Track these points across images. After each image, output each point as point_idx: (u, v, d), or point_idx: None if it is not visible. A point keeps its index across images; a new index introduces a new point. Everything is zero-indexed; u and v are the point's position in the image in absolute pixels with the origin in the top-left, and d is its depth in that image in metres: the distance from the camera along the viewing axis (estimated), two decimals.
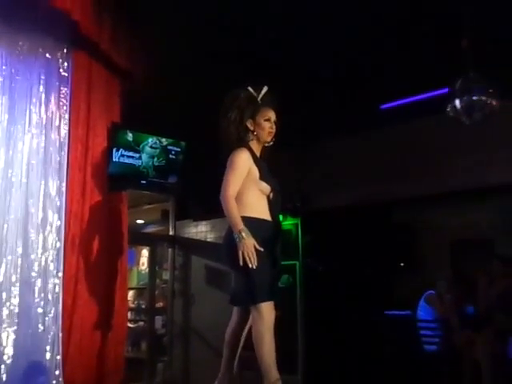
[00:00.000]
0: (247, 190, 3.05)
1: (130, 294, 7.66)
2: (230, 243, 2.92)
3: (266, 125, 3.15)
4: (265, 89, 3.19)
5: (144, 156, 4.91)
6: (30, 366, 4.01)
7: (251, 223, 2.93)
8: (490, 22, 4.36)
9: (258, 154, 3.18)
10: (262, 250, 2.88)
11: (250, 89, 3.19)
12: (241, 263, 2.83)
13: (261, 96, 3.18)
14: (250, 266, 2.82)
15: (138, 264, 8.37)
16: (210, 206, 3.03)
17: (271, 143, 3.23)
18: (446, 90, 4.46)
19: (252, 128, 3.15)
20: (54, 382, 4.06)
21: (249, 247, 2.83)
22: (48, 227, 4.26)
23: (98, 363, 4.39)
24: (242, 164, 3.03)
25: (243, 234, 2.84)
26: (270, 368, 2.88)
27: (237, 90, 3.20)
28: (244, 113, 3.13)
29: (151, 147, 4.94)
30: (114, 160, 4.71)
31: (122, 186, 4.88)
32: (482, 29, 4.22)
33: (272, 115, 3.18)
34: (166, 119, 5.29)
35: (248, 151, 3.08)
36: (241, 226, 2.87)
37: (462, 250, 6.91)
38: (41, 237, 4.22)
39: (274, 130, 3.17)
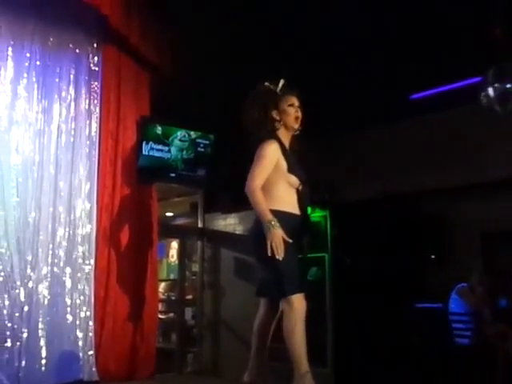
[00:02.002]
0: (276, 182, 3.03)
1: (161, 285, 7.75)
2: (257, 235, 2.91)
3: (291, 110, 3.14)
4: (282, 81, 3.18)
5: (173, 149, 4.95)
6: (63, 356, 4.10)
7: (280, 216, 2.90)
8: None
9: (287, 144, 3.16)
10: (290, 241, 2.86)
11: (267, 84, 3.19)
12: (269, 253, 2.80)
13: (279, 88, 3.17)
14: (277, 256, 2.80)
15: (168, 256, 8.46)
16: (239, 198, 3.01)
17: (298, 132, 3.20)
18: (477, 79, 4.38)
19: (278, 117, 3.13)
20: (88, 370, 4.15)
21: (278, 237, 2.81)
22: (80, 219, 4.35)
23: (129, 353, 4.48)
24: (269, 156, 3.01)
25: (272, 224, 2.82)
26: (301, 360, 2.87)
27: (255, 88, 3.19)
28: (268, 106, 3.11)
29: (180, 140, 4.97)
30: (143, 153, 4.76)
31: (152, 178, 4.93)
32: None
33: (295, 101, 3.17)
34: (195, 112, 5.31)
35: (276, 143, 3.06)
36: (269, 216, 2.84)
37: (493, 241, 6.78)
38: (72, 229, 4.30)
39: (299, 115, 3.15)
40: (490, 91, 4.09)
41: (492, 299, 5.44)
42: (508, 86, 4.00)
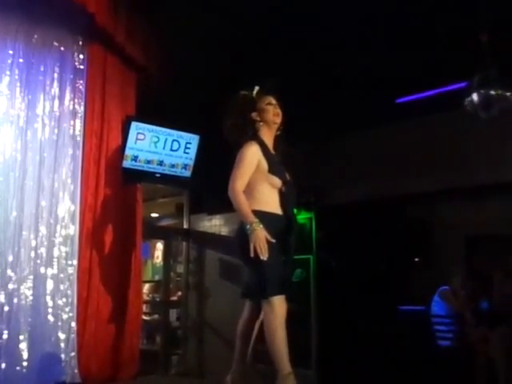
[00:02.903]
0: (258, 183, 3.04)
1: (145, 287, 7.71)
2: (242, 236, 2.92)
3: (270, 107, 3.18)
4: (257, 88, 3.23)
5: (158, 149, 4.92)
6: (45, 358, 4.06)
7: (262, 217, 2.92)
8: (508, 15, 4.30)
9: (270, 145, 3.18)
10: (273, 241, 2.88)
11: (242, 92, 3.24)
12: (252, 254, 2.82)
13: (255, 93, 3.22)
14: (261, 257, 2.81)
15: (153, 257, 8.41)
16: (224, 199, 3.01)
17: (280, 131, 3.23)
18: (463, 85, 4.42)
19: (258, 118, 3.16)
20: (70, 372, 4.10)
21: (260, 238, 2.82)
22: (62, 220, 4.31)
23: (112, 355, 4.43)
24: (249, 157, 3.03)
25: (254, 226, 2.84)
26: (282, 361, 2.88)
27: (230, 99, 3.22)
28: (245, 110, 3.16)
29: (166, 140, 4.94)
30: (128, 153, 4.73)
31: (137, 179, 4.89)
32: (501, 24, 4.17)
33: (272, 99, 3.21)
34: (181, 112, 5.29)
35: (257, 144, 3.08)
36: (252, 217, 2.87)
37: (477, 245, 6.85)
38: (55, 229, 4.26)
39: (279, 111, 3.19)
40: (475, 97, 4.13)
41: (474, 302, 5.48)
42: (492, 91, 4.05)
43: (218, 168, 3.24)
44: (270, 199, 3.06)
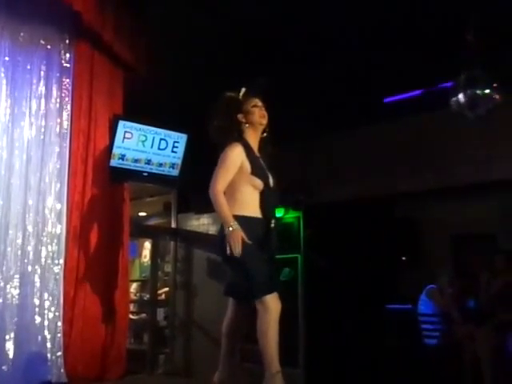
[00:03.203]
0: (240, 185, 3.05)
1: (133, 286, 7.69)
2: (223, 237, 2.93)
3: (256, 109, 3.17)
4: (243, 89, 3.23)
5: (146, 148, 4.90)
6: (31, 357, 4.03)
7: (243, 222, 2.93)
8: (494, 16, 4.33)
9: (255, 147, 3.18)
10: (250, 242, 2.89)
11: (228, 93, 3.24)
12: (228, 252, 2.85)
13: (241, 95, 3.22)
14: (235, 254, 2.84)
15: (141, 256, 8.39)
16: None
17: (266, 134, 3.23)
18: (449, 84, 4.45)
19: (244, 120, 3.16)
20: (56, 372, 4.08)
21: (235, 236, 2.85)
22: (49, 218, 4.28)
23: (99, 354, 4.41)
24: (232, 158, 3.03)
25: (232, 225, 2.87)
26: (273, 360, 2.89)
27: (216, 100, 3.22)
28: (231, 111, 3.16)
29: (153, 139, 4.93)
30: (116, 151, 4.71)
31: (124, 178, 4.87)
32: (486, 23, 4.20)
33: (258, 101, 3.20)
34: (169, 111, 5.28)
35: (241, 146, 3.08)
36: (230, 219, 2.89)
37: (463, 244, 6.90)
38: (41, 228, 4.23)
39: (265, 113, 3.19)
40: (461, 96, 4.16)
41: (461, 301, 5.52)
42: (478, 91, 4.08)
43: (205, 167, 3.23)
44: (251, 201, 3.07)
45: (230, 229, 2.86)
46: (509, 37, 4.56)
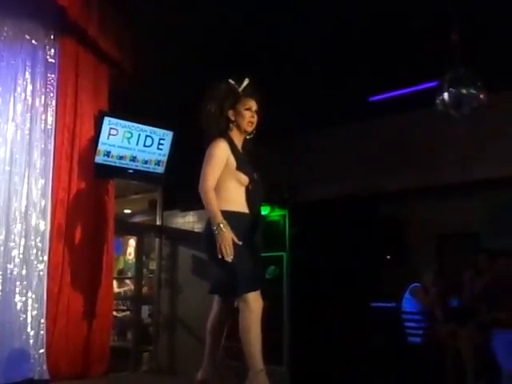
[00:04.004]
0: (225, 181, 3.04)
1: (117, 283, 7.65)
2: (209, 235, 2.91)
3: (247, 114, 3.13)
4: (246, 81, 3.17)
5: (131, 145, 4.88)
6: (13, 354, 3.99)
7: (229, 217, 2.92)
8: (479, 16, 4.37)
9: (239, 145, 3.17)
10: (240, 243, 2.88)
11: (231, 81, 3.18)
12: (219, 256, 2.83)
13: (242, 87, 3.16)
14: (227, 258, 2.82)
15: (125, 254, 8.35)
16: (198, 196, 3.00)
17: (252, 136, 3.22)
18: (434, 84, 4.48)
19: (233, 118, 3.13)
20: (39, 369, 4.05)
21: (227, 240, 2.83)
22: (33, 215, 4.24)
23: (83, 351, 4.38)
24: (218, 155, 3.02)
25: (221, 227, 2.84)
26: (255, 358, 2.88)
27: (217, 82, 3.17)
28: (224, 104, 3.11)
29: (139, 136, 4.90)
30: (101, 148, 4.68)
31: (109, 174, 4.84)
32: (471, 23, 4.24)
33: (253, 105, 3.16)
34: (155, 108, 5.25)
35: (225, 142, 3.07)
36: (219, 218, 2.87)
37: (447, 243, 6.95)
38: (25, 224, 4.19)
39: (254, 120, 3.15)
40: (446, 96, 4.19)
41: (444, 299, 5.57)
42: (463, 90, 4.11)
43: (191, 164, 3.22)
44: (236, 197, 3.06)
45: (220, 230, 2.84)
46: (493, 35, 4.61)
